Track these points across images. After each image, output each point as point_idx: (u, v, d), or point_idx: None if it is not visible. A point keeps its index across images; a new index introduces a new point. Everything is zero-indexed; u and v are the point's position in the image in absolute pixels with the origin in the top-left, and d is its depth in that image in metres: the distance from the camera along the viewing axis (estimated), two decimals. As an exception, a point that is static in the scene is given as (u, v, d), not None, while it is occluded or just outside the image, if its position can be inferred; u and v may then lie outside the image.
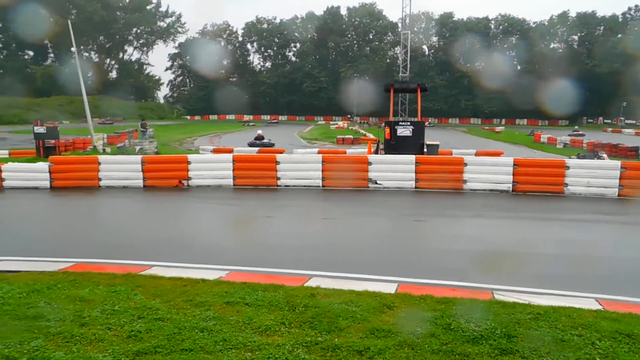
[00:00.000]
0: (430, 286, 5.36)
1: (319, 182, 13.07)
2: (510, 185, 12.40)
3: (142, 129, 26.56)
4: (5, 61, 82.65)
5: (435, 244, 7.75)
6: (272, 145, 27.06)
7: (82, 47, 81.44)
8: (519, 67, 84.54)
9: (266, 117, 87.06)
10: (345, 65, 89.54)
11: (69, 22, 27.04)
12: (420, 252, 7.33)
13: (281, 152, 17.59)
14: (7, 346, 3.81)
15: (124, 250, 6.87)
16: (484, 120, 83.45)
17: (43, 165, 13.35)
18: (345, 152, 20.73)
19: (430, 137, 16.36)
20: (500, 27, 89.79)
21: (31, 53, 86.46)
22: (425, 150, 15.92)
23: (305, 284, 5.37)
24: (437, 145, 16.67)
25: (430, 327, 4.12)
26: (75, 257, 6.35)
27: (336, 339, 3.92)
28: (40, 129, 20.27)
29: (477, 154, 20.31)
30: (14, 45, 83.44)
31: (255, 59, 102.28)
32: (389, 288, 5.23)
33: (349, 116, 79.97)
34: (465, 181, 12.65)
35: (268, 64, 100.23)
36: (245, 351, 3.74)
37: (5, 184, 13.05)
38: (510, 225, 9.50)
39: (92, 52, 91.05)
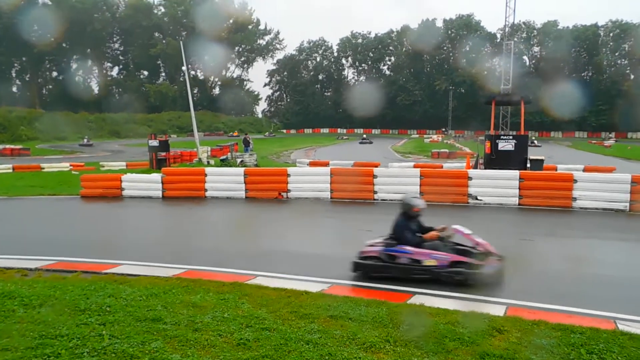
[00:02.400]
0: (543, 311, 5.04)
1: (417, 197, 12.84)
2: (628, 204, 11.36)
3: (245, 144, 27.51)
4: (125, 81, 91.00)
5: (545, 265, 7.26)
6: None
7: (189, 66, 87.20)
8: (632, 76, 77.80)
9: (359, 131, 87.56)
10: (441, 78, 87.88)
11: (181, 43, 29.08)
12: (528, 273, 6.90)
13: (376, 166, 17.56)
14: (131, 345, 4.11)
15: (230, 258, 7.17)
16: (590, 134, 77.56)
17: (156, 177, 14.42)
18: (441, 167, 20.25)
19: (532, 152, 15.50)
20: (611, 34, 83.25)
21: (146, 73, 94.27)
22: (528, 165, 15.13)
23: (408, 301, 5.28)
24: (542, 161, 15.79)
25: (547, 356, 3.85)
26: (186, 264, 6.75)
27: (444, 361, 3.80)
28: (154, 142, 21.95)
29: (585, 170, 18.93)
30: (131, 66, 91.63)
31: (350, 73, 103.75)
32: (498, 310, 4.99)
33: (443, 129, 78.22)
34: (574, 199, 11.80)
35: (362, 78, 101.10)
36: (351, 367, 3.73)
37: (125, 193, 14.25)
38: (630, 248, 8.69)
39: (199, 71, 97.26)
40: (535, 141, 51.49)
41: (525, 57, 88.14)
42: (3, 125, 61.89)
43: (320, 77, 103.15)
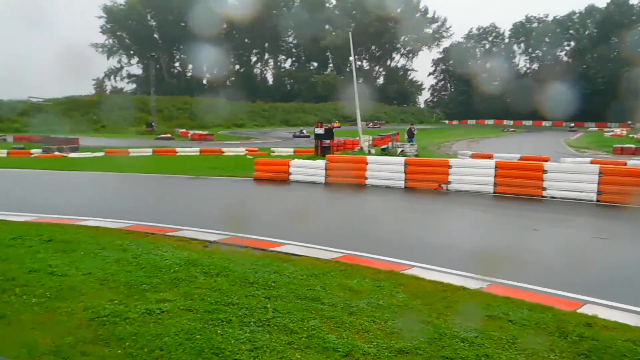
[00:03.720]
0: None
1: (594, 196, 11.52)
2: None
3: (409, 135, 26.93)
4: (296, 72, 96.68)
5: None
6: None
7: (356, 56, 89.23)
8: None
9: (528, 123, 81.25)
10: (631, 64, 76.89)
11: (350, 34, 29.87)
12: None
13: (546, 160, 16.13)
14: (291, 321, 4.39)
15: (386, 247, 7.22)
16: None
17: (321, 163, 15.12)
18: (625, 164, 17.83)
19: None
20: None
21: (315, 64, 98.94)
22: None
23: (578, 310, 4.78)
24: None
25: None
26: (344, 249, 6.96)
27: (621, 383, 3.38)
28: (319, 130, 23.02)
29: None
30: (303, 58, 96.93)
31: (522, 61, 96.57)
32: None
33: (629, 122, 68.61)
34: None
35: (535, 66, 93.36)
36: (510, 372, 3.52)
37: (292, 177, 15.21)
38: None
39: (364, 61, 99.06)
40: None
41: None
42: (194, 113, 70.32)
43: (488, 65, 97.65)
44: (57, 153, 29.48)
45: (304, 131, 48.40)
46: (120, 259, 6.30)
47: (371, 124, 66.00)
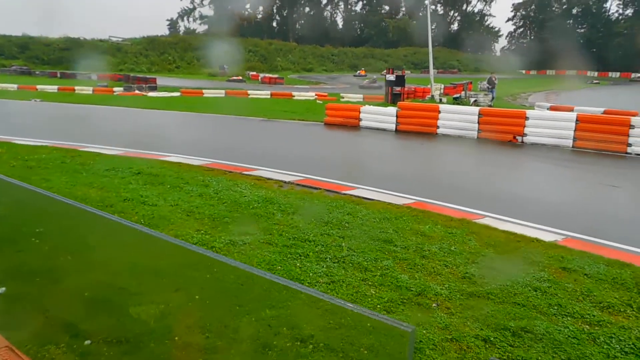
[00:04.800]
0: None
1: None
2: None
3: (489, 84, 24.70)
4: (367, 16, 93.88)
5: None
6: None
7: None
8: None
9: (615, 75, 75.24)
10: None
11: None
12: None
13: (634, 115, 15.09)
14: (365, 259, 4.61)
15: (458, 196, 7.20)
16: None
17: (392, 110, 14.98)
18: None
19: None
20: None
21: (387, 7, 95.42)
22: None
23: (660, 269, 4.67)
24: None
25: None
26: (416, 196, 7.05)
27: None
28: (390, 77, 22.58)
29: None
30: (374, 0, 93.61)
31: (614, 6, 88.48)
32: None
33: None
34: None
35: (629, 12, 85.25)
36: (583, 323, 3.57)
37: (362, 124, 15.22)
38: None
39: (439, 5, 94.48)
40: None
41: None
42: (264, 57, 70.64)
43: (574, 11, 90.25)
44: (137, 92, 30.82)
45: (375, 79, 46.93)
46: (203, 193, 6.74)
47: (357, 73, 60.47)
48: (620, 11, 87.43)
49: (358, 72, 57.93)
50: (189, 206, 6.13)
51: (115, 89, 31.94)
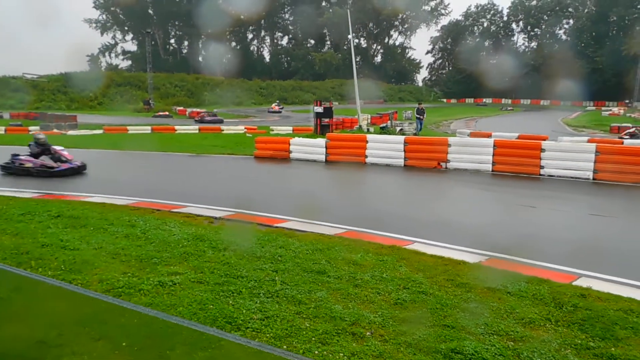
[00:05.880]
0: None
1: (590, 174, 11.75)
2: None
3: (418, 115, 24.60)
4: (293, 50, 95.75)
5: None
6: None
7: (354, 34, 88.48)
8: None
9: (527, 102, 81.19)
10: (630, 42, 76.47)
11: (348, 12, 29.67)
12: None
13: (544, 139, 16.28)
14: (299, 292, 4.59)
15: (388, 223, 7.38)
16: None
17: (321, 141, 15.23)
18: (622, 143, 18.07)
19: None
20: None
21: (312, 41, 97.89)
22: None
23: (574, 283, 4.99)
24: None
25: None
26: (347, 225, 7.14)
27: (612, 349, 3.59)
28: (318, 109, 22.99)
29: None
30: (300, 35, 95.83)
31: (520, 39, 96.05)
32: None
33: (626, 101, 68.79)
34: None
35: (533, 44, 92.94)
36: (508, 339, 3.73)
37: (292, 156, 15.34)
38: None
39: (362, 39, 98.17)
40: None
41: None
42: (191, 91, 69.91)
43: (486, 43, 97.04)
44: (55, 130, 29.38)
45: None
46: (130, 234, 6.47)
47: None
48: (526, 44, 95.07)
49: (271, 107, 56.14)
50: (115, 248, 5.86)
51: (31, 127, 30.31)
